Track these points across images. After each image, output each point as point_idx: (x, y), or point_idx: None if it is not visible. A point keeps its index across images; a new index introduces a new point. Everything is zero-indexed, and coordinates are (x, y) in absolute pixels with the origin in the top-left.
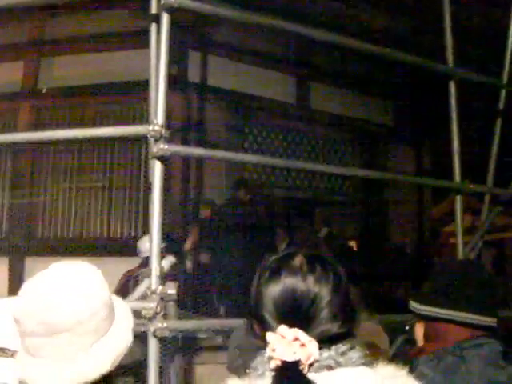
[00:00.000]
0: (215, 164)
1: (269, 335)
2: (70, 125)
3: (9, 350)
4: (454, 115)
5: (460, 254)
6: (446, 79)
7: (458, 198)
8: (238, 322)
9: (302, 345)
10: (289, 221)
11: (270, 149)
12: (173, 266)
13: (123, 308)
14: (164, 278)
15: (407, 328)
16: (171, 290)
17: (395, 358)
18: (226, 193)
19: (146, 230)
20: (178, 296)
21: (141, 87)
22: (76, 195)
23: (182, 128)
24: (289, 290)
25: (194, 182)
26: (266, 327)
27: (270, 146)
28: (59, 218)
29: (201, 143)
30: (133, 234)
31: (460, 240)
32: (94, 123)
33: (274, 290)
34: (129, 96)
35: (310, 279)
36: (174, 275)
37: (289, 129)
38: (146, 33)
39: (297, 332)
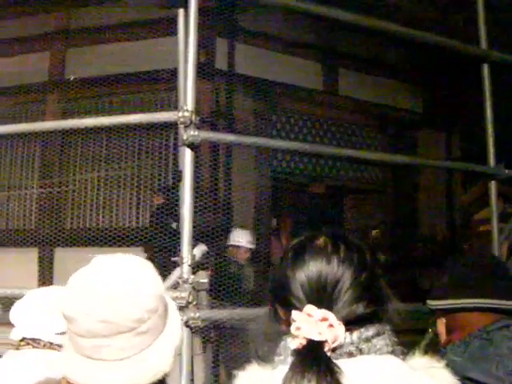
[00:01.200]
0: (243, 153)
1: (294, 313)
2: (98, 114)
3: (40, 340)
4: (487, 99)
5: (495, 241)
6: (478, 62)
7: (493, 184)
8: None
9: (330, 326)
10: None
11: (298, 136)
12: (204, 255)
13: (171, 302)
14: (196, 266)
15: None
16: (203, 279)
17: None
18: (257, 182)
19: (176, 219)
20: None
21: (168, 75)
22: (105, 184)
23: (209, 116)
24: (313, 272)
25: (222, 171)
26: (290, 310)
27: (298, 134)
28: (88, 207)
29: (228, 131)
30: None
31: (495, 227)
32: (122, 112)
33: (298, 272)
34: (156, 84)
35: (334, 260)
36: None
37: (317, 116)
38: (172, 20)
39: (326, 313)
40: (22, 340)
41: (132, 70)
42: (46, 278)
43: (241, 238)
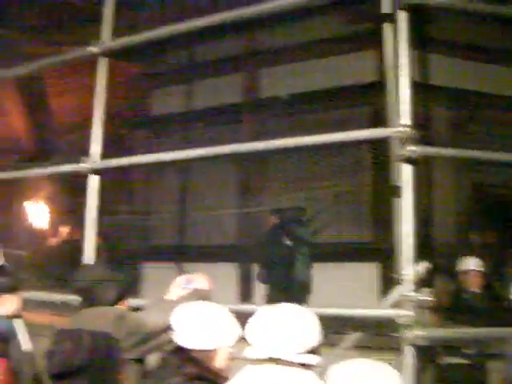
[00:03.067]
0: (442, 164)
1: None
2: (292, 133)
3: (280, 359)
4: None
5: None
6: None
7: None
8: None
9: None
10: None
11: (497, 147)
12: (428, 272)
13: None
14: (419, 283)
15: None
16: (427, 296)
17: None
18: (457, 195)
19: (375, 234)
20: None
21: (363, 90)
22: (305, 201)
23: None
24: None
25: (423, 184)
26: None
27: (496, 144)
28: None
29: (426, 143)
30: (364, 239)
31: None
32: (317, 130)
33: None
34: (348, 100)
35: None
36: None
37: None
38: (363, 36)
39: None
40: (260, 358)
41: (323, 87)
42: (245, 292)
43: (470, 263)
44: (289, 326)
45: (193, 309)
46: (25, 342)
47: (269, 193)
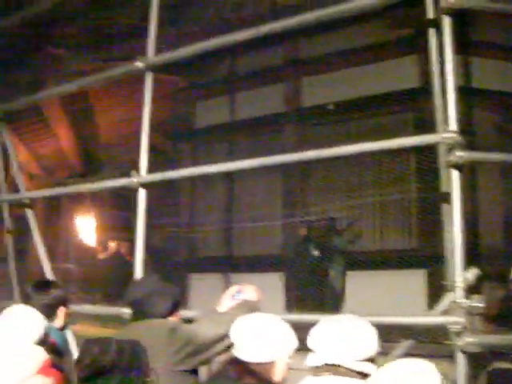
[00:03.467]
0: (490, 169)
1: None
2: (336, 141)
3: (340, 366)
4: None
5: None
6: None
7: None
8: None
9: None
10: None
11: None
12: (478, 278)
13: None
14: (470, 290)
15: None
16: (477, 302)
17: None
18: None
19: (421, 241)
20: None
21: (407, 96)
22: (349, 210)
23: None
24: None
25: (468, 191)
26: None
27: None
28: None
29: (472, 148)
30: (409, 246)
31: None
32: (362, 137)
33: None
34: (394, 106)
35: None
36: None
37: None
38: (406, 42)
39: None
40: (320, 366)
41: (366, 94)
42: (290, 302)
43: None
44: (349, 335)
45: (250, 321)
46: (75, 354)
47: (314, 202)
